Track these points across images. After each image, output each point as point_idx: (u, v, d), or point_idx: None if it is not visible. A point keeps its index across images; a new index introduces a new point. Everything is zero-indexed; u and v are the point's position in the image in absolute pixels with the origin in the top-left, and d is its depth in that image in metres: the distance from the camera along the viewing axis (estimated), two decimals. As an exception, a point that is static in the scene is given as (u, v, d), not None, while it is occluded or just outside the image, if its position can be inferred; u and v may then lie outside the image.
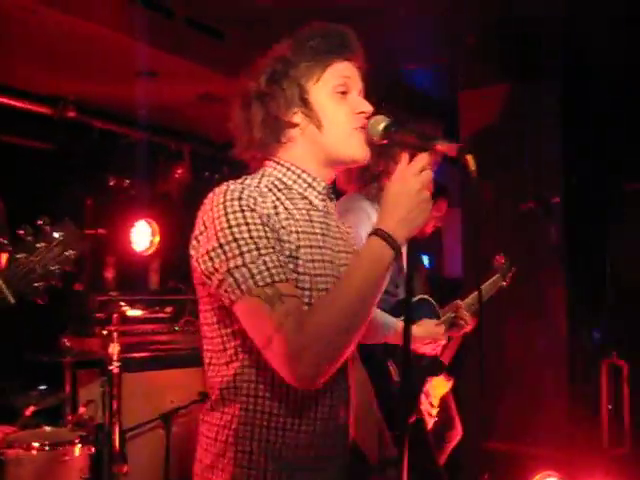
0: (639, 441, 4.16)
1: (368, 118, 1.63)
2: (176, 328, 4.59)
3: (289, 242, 1.55)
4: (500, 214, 4.29)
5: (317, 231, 1.64)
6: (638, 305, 4.35)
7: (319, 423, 1.61)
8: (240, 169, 1.73)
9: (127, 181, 4.80)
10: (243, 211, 1.49)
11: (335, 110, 1.64)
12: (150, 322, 4.50)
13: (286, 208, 1.60)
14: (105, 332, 3.73)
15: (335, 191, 1.82)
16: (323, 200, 1.70)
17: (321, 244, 1.64)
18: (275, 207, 1.57)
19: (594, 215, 4.54)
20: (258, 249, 1.46)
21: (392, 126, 1.59)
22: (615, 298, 4.50)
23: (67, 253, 1.74)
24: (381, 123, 1.60)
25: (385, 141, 1.60)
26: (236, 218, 1.48)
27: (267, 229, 1.50)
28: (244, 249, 1.45)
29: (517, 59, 4.32)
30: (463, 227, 4.74)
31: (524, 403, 4.47)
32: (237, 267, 1.45)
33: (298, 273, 1.54)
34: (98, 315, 4.02)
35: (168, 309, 4.62)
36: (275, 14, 3.83)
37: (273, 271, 1.45)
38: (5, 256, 1.73)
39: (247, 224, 1.48)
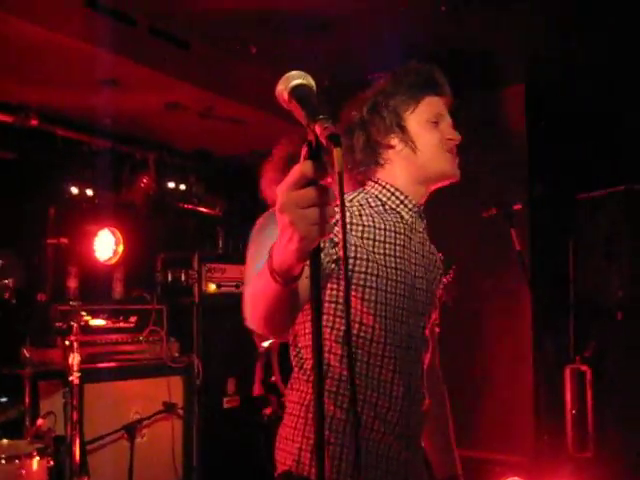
0: (603, 445, 4.20)
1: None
2: (140, 338, 4.55)
3: (356, 246, 1.76)
4: (462, 221, 4.33)
5: (398, 242, 1.86)
6: (600, 310, 4.41)
7: (378, 410, 1.78)
8: (206, 179, 1.75)
9: (90, 190, 4.75)
10: None
11: (428, 136, 1.89)
12: (114, 332, 4.45)
13: (367, 219, 1.82)
14: (67, 342, 3.68)
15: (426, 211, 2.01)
16: (413, 217, 1.92)
17: (397, 254, 1.85)
18: (354, 218, 1.80)
19: (557, 222, 4.60)
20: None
21: (301, 88, 1.15)
22: (577, 303, 4.56)
23: (5, 281, 1.73)
24: (296, 79, 1.16)
25: (287, 101, 1.16)
26: None
27: None
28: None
29: (479, 71, 4.36)
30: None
31: (490, 409, 4.51)
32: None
33: (366, 273, 1.76)
34: (59, 325, 3.96)
35: (132, 319, 4.58)
36: (242, 24, 3.83)
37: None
38: None
39: None
